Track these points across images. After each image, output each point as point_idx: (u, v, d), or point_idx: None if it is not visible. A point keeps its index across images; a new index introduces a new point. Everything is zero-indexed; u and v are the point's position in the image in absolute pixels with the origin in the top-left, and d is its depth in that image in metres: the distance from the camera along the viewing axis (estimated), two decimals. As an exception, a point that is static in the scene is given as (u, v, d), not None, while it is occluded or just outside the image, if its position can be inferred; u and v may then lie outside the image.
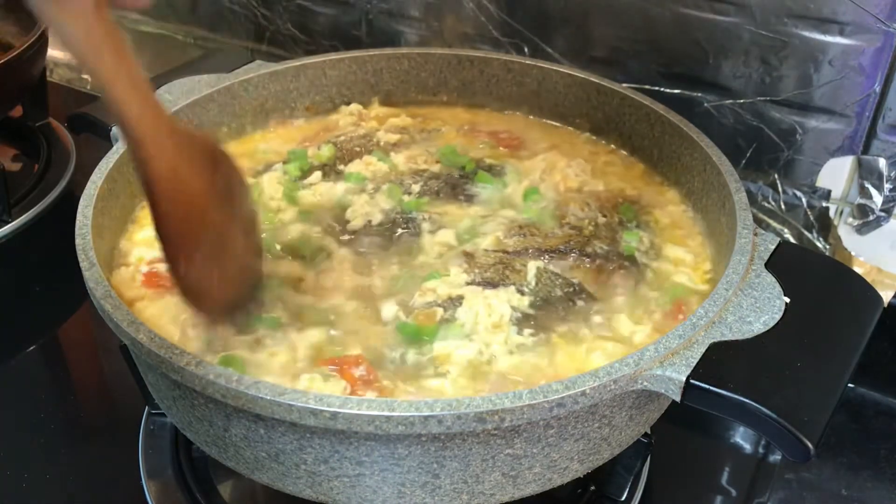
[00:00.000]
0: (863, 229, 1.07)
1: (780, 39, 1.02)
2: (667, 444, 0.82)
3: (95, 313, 0.67)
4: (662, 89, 1.11)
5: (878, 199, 1.05)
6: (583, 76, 0.98)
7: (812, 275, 0.72)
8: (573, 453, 0.66)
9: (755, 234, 0.74)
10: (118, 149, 0.83)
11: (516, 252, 0.81)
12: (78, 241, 0.72)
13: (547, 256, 0.80)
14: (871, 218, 1.06)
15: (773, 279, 0.70)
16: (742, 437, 0.90)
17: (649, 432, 0.76)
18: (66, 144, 1.28)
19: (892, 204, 1.04)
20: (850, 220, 1.08)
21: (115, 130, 0.87)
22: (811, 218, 1.10)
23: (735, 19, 1.04)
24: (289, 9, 1.32)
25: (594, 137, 1.00)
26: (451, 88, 1.04)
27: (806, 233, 1.10)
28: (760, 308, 0.67)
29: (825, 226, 1.09)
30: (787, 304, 0.68)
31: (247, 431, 0.63)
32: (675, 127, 0.89)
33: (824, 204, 1.09)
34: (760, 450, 0.89)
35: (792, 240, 1.10)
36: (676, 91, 1.11)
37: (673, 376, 0.61)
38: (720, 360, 0.63)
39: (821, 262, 0.76)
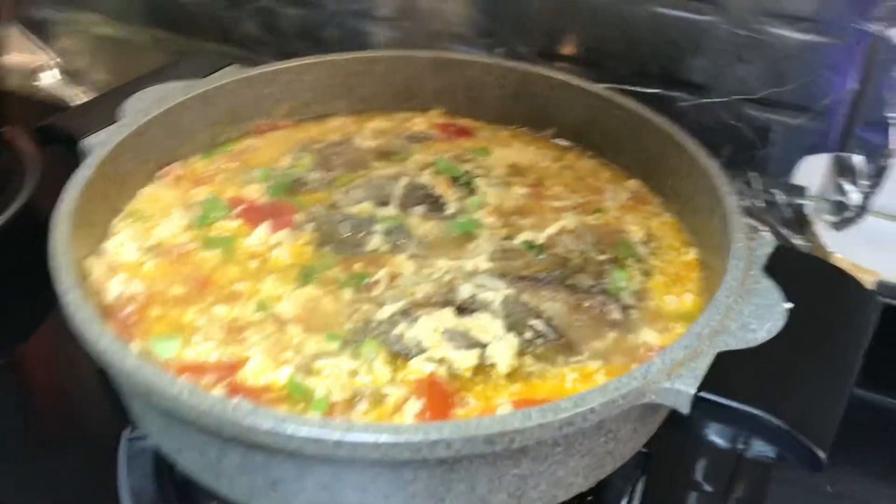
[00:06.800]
0: (839, 226, 1.08)
1: (756, 38, 1.02)
2: (662, 451, 0.81)
3: (61, 331, 0.64)
4: (639, 89, 1.10)
5: (854, 195, 1.05)
6: (564, 79, 0.97)
7: (809, 278, 0.72)
8: (578, 469, 0.65)
9: (750, 238, 0.74)
10: (92, 163, 0.79)
11: (493, 275, 0.77)
12: (53, 262, 0.68)
13: (525, 284, 0.76)
14: (848, 214, 1.06)
15: (773, 285, 0.69)
16: (739, 443, 0.89)
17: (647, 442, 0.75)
18: (26, 156, 1.22)
19: (868, 200, 1.05)
20: (827, 216, 1.08)
21: (84, 143, 0.84)
22: (787, 215, 1.10)
23: (711, 18, 1.04)
24: (255, 10, 1.29)
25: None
26: (429, 92, 1.02)
27: (783, 230, 1.10)
28: (763, 315, 0.66)
29: (802, 223, 1.10)
30: (788, 310, 0.67)
31: (243, 459, 0.61)
32: (660, 129, 0.88)
33: (800, 201, 1.09)
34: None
35: (768, 237, 1.10)
36: (653, 90, 1.10)
37: (681, 389, 0.60)
38: (727, 370, 0.62)
39: (816, 265, 0.75)
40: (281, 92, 0.98)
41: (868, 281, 1.09)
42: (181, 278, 0.78)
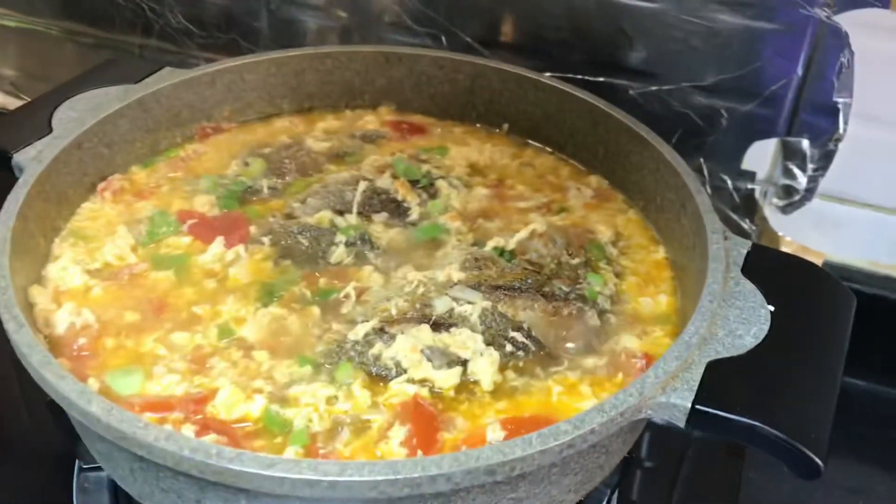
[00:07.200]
0: (787, 209, 1.09)
1: (705, 25, 1.01)
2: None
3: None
4: (586, 77, 1.08)
5: (802, 179, 1.06)
6: (519, 72, 0.94)
7: (785, 277, 0.72)
8: (571, 485, 0.63)
9: (725, 238, 0.73)
10: (28, 181, 0.73)
11: (469, 285, 0.74)
12: (-1, 298, 0.63)
13: (500, 293, 0.74)
14: (796, 198, 1.07)
15: (753, 287, 0.68)
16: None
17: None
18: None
19: (815, 184, 1.06)
20: (775, 200, 1.09)
21: (17, 158, 0.77)
22: (737, 200, 1.11)
23: (659, 5, 1.02)
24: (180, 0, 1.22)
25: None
26: (378, 88, 0.98)
27: (732, 215, 1.11)
28: (747, 319, 0.66)
29: (751, 207, 1.10)
30: (771, 312, 0.66)
31: (224, 503, 0.57)
32: (622, 125, 0.87)
33: (749, 186, 1.10)
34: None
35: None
36: (601, 79, 1.08)
37: (677, 402, 0.59)
38: (719, 380, 0.61)
39: (790, 263, 0.75)
40: (222, 93, 0.93)
41: (815, 262, 1.11)
42: (134, 303, 0.72)
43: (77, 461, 0.79)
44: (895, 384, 1.06)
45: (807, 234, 1.10)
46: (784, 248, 1.10)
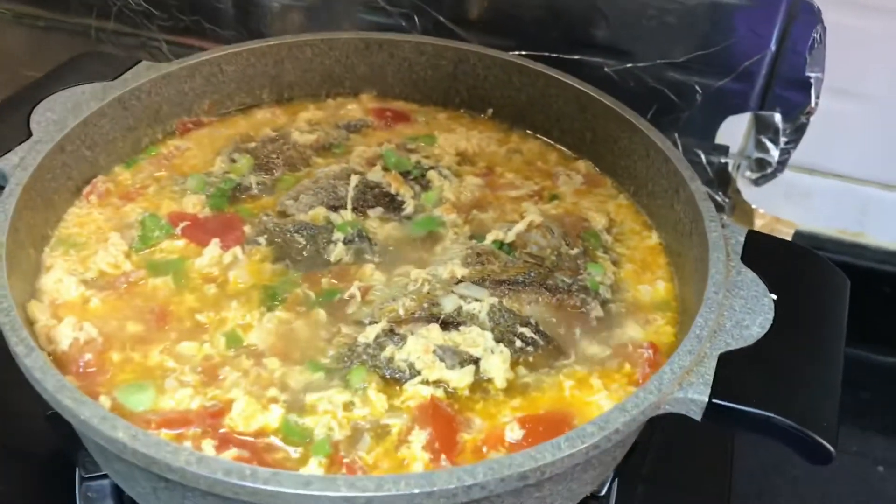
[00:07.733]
0: (760, 181, 1.11)
1: (678, 2, 1.02)
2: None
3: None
4: (561, 55, 1.08)
5: (774, 152, 1.08)
6: (502, 57, 0.93)
7: (782, 263, 0.73)
8: (589, 479, 0.65)
9: (723, 227, 0.74)
10: (14, 191, 0.70)
11: (474, 282, 0.74)
12: (2, 319, 0.61)
13: (505, 288, 0.74)
14: (769, 171, 1.10)
15: (755, 275, 0.70)
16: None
17: (634, 433, 0.75)
18: None
19: (787, 156, 1.08)
20: (748, 173, 1.11)
21: (-1, 166, 0.74)
22: (710, 173, 1.12)
23: (634, -18, 1.02)
24: (138, -20, 1.17)
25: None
26: (358, 75, 0.97)
27: (706, 189, 1.12)
28: (752, 309, 0.67)
29: (724, 180, 1.12)
30: (774, 301, 0.68)
31: (254, 519, 0.57)
32: (609, 110, 0.87)
33: (723, 160, 1.12)
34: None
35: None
36: (576, 57, 1.08)
37: (695, 398, 0.61)
38: (731, 372, 0.62)
39: (785, 248, 0.77)
40: (202, 86, 0.90)
41: (787, 232, 1.14)
42: (135, 313, 0.71)
43: (77, 469, 0.78)
44: (864, 347, 1.09)
45: (778, 206, 1.12)
46: (757, 220, 1.13)
